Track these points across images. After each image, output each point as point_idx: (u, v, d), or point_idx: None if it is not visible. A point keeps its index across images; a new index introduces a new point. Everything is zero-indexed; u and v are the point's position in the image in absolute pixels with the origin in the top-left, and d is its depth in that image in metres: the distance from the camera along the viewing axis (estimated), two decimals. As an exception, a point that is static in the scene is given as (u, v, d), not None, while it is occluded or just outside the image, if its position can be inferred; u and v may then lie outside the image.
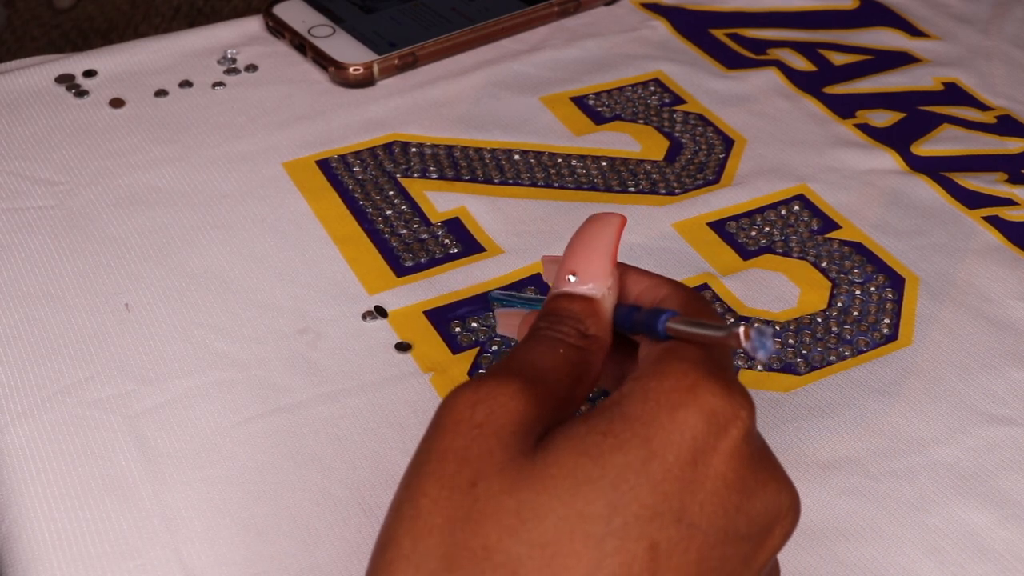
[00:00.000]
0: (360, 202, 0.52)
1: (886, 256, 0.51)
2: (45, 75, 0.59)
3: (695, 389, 0.29)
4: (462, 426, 0.28)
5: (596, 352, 0.32)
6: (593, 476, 0.27)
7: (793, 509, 0.30)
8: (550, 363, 0.31)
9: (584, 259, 0.33)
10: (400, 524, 0.28)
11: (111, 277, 0.48)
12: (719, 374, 0.29)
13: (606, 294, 0.33)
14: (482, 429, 0.28)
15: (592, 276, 0.33)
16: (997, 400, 0.45)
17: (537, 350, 0.31)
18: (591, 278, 0.33)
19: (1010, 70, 0.65)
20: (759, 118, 0.60)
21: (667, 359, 0.30)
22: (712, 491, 0.28)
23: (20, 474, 0.40)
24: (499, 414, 0.29)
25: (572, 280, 0.33)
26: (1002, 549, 0.39)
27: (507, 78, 0.61)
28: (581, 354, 0.32)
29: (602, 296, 0.33)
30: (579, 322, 0.32)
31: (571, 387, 0.31)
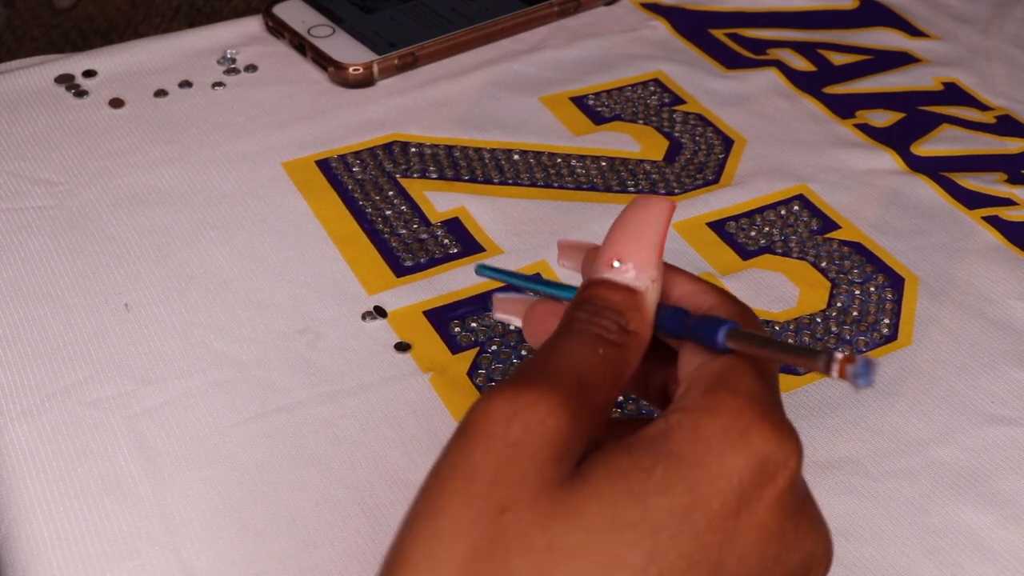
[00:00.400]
0: (360, 202, 0.52)
1: (886, 256, 0.51)
2: (45, 75, 0.59)
3: (747, 432, 0.27)
4: (495, 442, 0.26)
5: (635, 351, 0.30)
6: (633, 519, 0.26)
7: (827, 555, 0.29)
8: (590, 367, 0.28)
9: (632, 245, 0.30)
10: (417, 544, 0.26)
11: (111, 277, 0.48)
12: (772, 414, 0.27)
13: (651, 287, 0.30)
14: (517, 448, 0.26)
15: (639, 264, 0.30)
16: (997, 400, 0.45)
17: (577, 352, 0.29)
18: (638, 267, 0.30)
19: (1010, 70, 0.65)
20: (759, 118, 0.60)
21: (720, 391, 0.28)
22: (752, 542, 0.27)
23: (20, 474, 0.40)
24: (537, 432, 0.26)
25: (617, 266, 0.30)
26: (1002, 549, 0.39)
27: (507, 78, 0.61)
28: (620, 353, 0.29)
29: (646, 289, 0.30)
30: (620, 315, 0.30)
31: (608, 392, 0.29)
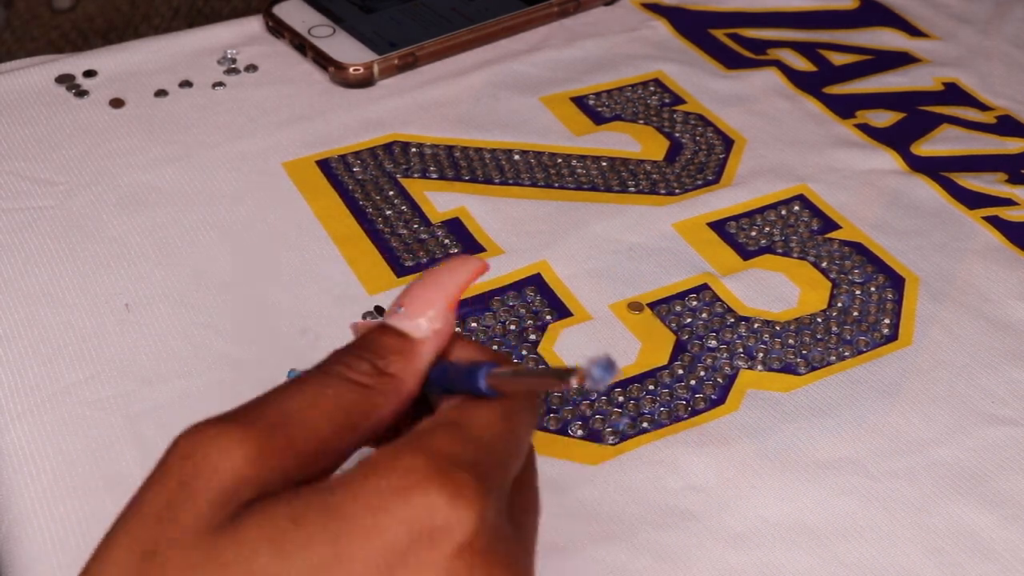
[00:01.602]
0: (360, 202, 0.52)
1: (886, 256, 0.51)
2: (45, 75, 0.59)
3: (410, 492, 0.25)
4: (168, 480, 0.26)
5: (388, 394, 0.28)
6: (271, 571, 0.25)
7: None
8: (306, 407, 0.27)
9: (421, 294, 0.30)
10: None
11: (111, 277, 0.48)
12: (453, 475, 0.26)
13: (429, 338, 0.29)
14: (183, 488, 0.26)
15: (421, 312, 0.29)
16: (997, 400, 0.45)
17: (298, 389, 0.28)
18: (419, 313, 0.29)
19: (1010, 70, 0.65)
20: (759, 118, 0.60)
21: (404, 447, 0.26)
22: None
23: (20, 474, 0.40)
24: (207, 473, 0.26)
25: (399, 312, 0.30)
26: (1002, 549, 0.39)
27: (507, 78, 0.61)
28: (363, 395, 0.28)
29: (423, 337, 0.29)
30: (380, 357, 0.29)
31: (334, 436, 0.27)
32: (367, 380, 0.28)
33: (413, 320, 0.29)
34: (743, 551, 0.39)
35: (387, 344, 0.29)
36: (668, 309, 0.48)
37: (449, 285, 0.30)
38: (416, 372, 0.29)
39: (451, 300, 0.30)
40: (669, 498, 0.40)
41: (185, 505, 0.25)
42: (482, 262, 0.31)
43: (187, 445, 0.26)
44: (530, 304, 0.48)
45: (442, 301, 0.30)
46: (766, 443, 0.42)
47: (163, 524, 0.25)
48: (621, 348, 0.46)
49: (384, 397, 0.28)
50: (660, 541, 0.39)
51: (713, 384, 0.45)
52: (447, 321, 0.30)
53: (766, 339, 0.47)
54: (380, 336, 0.29)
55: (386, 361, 0.29)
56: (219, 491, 0.26)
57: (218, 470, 0.26)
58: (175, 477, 0.26)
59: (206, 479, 0.26)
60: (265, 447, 0.26)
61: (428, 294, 0.30)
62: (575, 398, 0.44)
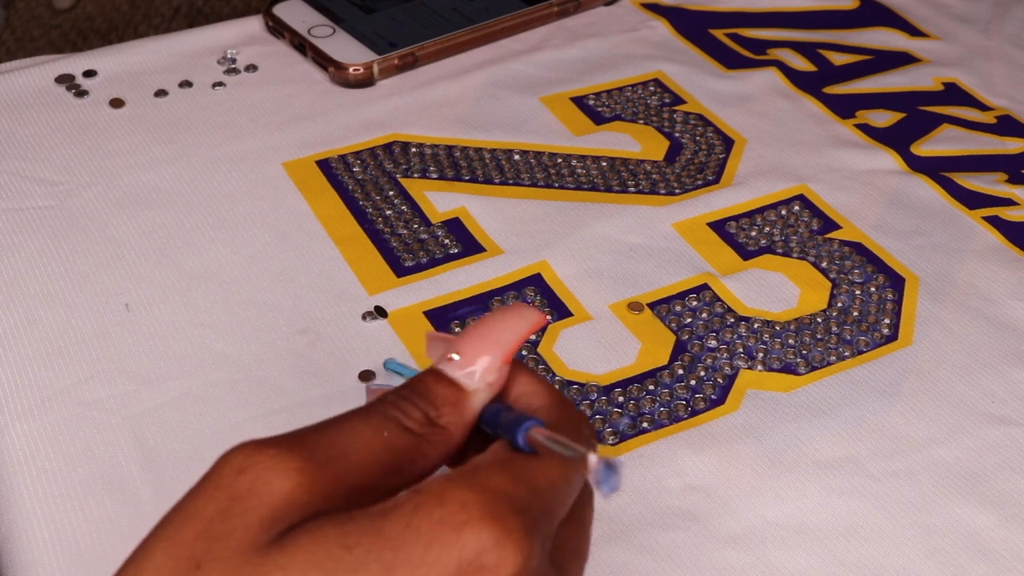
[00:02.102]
0: (360, 202, 0.52)
1: (886, 256, 0.51)
2: (45, 75, 0.59)
3: (463, 527, 0.26)
4: (219, 492, 0.26)
5: (436, 445, 0.29)
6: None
7: None
8: (360, 446, 0.28)
9: (478, 344, 0.30)
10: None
11: (111, 277, 0.48)
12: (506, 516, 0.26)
13: (481, 389, 0.30)
14: (235, 503, 0.26)
15: (476, 363, 0.30)
16: (997, 400, 0.45)
17: (354, 428, 0.28)
18: (474, 364, 0.30)
19: (1010, 70, 0.65)
20: (759, 118, 0.60)
21: (459, 481, 0.27)
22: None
23: (20, 474, 0.40)
24: (261, 491, 0.26)
25: (454, 359, 0.30)
26: (1002, 549, 0.39)
27: (507, 78, 0.61)
28: (414, 442, 0.28)
29: (475, 390, 0.30)
30: (433, 407, 0.29)
31: (382, 476, 0.28)
32: (419, 429, 0.29)
33: (466, 370, 0.30)
34: (743, 551, 0.39)
35: (441, 394, 0.29)
36: (668, 309, 0.48)
37: (507, 337, 0.30)
38: (465, 423, 0.30)
39: (508, 353, 0.30)
40: (669, 498, 0.40)
41: (235, 521, 0.26)
42: (543, 316, 0.31)
43: (242, 460, 0.27)
44: (530, 304, 0.48)
45: (498, 354, 0.30)
46: (766, 443, 0.42)
47: (211, 538, 0.25)
48: (621, 348, 0.46)
49: (433, 447, 0.29)
50: (660, 541, 0.39)
51: (713, 384, 0.45)
52: (501, 373, 0.30)
53: (766, 339, 0.47)
54: (435, 384, 0.30)
55: (439, 412, 0.29)
56: (270, 510, 0.26)
57: (272, 491, 0.26)
58: (227, 491, 0.26)
59: (259, 497, 0.26)
60: (318, 477, 0.26)
61: (485, 343, 0.30)
62: (575, 398, 0.44)
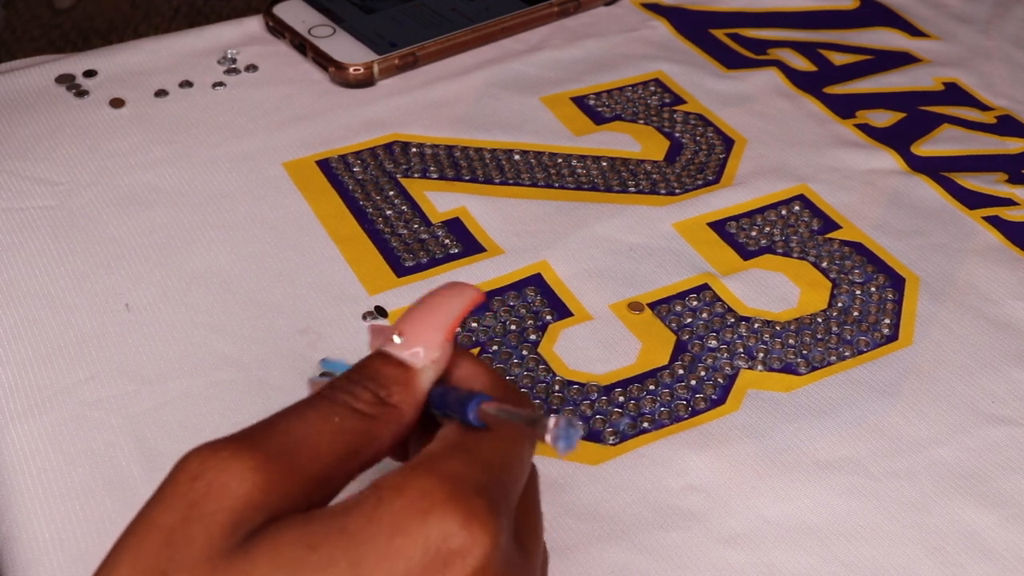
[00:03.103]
0: (360, 202, 0.52)
1: (886, 256, 0.51)
2: (45, 75, 0.59)
3: (427, 514, 0.26)
4: (177, 500, 0.26)
5: (389, 424, 0.29)
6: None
7: None
8: (312, 433, 0.28)
9: (419, 324, 0.30)
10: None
11: (111, 277, 0.48)
12: (468, 498, 0.26)
13: (428, 366, 0.30)
14: (193, 509, 0.26)
15: (419, 342, 0.30)
16: (997, 400, 0.45)
17: (304, 416, 0.28)
18: (417, 343, 0.30)
19: (1010, 70, 0.65)
20: (759, 118, 0.60)
21: (418, 469, 0.27)
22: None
23: (20, 474, 0.40)
24: (218, 495, 0.26)
25: (397, 341, 0.30)
26: (1002, 549, 0.39)
27: (507, 78, 0.61)
28: (365, 423, 0.29)
29: (422, 367, 0.30)
30: (382, 387, 0.29)
31: (338, 462, 0.28)
32: (370, 410, 0.29)
33: (411, 350, 0.30)
34: (743, 551, 0.39)
35: (388, 374, 0.30)
36: (668, 309, 0.48)
37: (446, 315, 0.30)
38: (416, 402, 0.30)
39: (448, 330, 0.30)
40: (669, 498, 0.40)
41: (196, 528, 0.25)
42: (479, 292, 0.31)
43: (197, 465, 0.26)
44: (530, 304, 0.48)
45: (439, 331, 0.30)
46: (766, 443, 0.42)
47: (174, 546, 0.25)
48: (621, 348, 0.46)
49: (386, 427, 0.29)
50: (660, 541, 0.39)
51: (713, 384, 0.45)
52: (444, 351, 0.30)
53: (766, 339, 0.47)
54: (382, 366, 0.30)
55: (388, 391, 0.29)
56: (230, 515, 0.26)
57: (229, 494, 0.26)
58: (185, 498, 0.26)
59: (217, 502, 0.26)
60: (274, 472, 0.26)
61: (426, 323, 0.30)
62: (575, 398, 0.44)
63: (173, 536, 0.26)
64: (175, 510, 0.26)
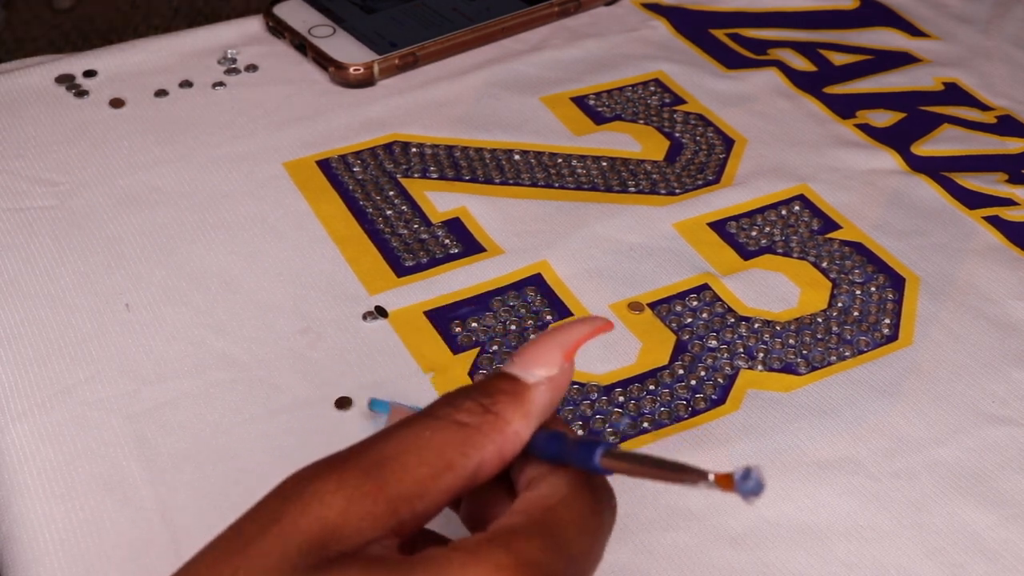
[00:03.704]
0: (360, 202, 0.52)
1: (886, 256, 0.51)
2: (45, 75, 0.59)
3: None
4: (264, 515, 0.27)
5: (490, 434, 0.28)
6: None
7: None
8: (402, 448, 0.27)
9: (538, 343, 0.29)
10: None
11: (112, 277, 0.48)
12: None
13: (541, 383, 0.29)
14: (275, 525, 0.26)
15: (534, 359, 0.29)
16: (997, 400, 0.45)
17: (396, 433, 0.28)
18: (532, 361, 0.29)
19: (1010, 70, 0.65)
20: (759, 118, 0.60)
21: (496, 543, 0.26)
22: None
23: (20, 474, 0.40)
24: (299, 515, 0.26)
25: (515, 360, 0.29)
26: (1002, 549, 0.39)
27: (507, 78, 0.61)
28: (463, 434, 0.28)
29: (534, 383, 0.29)
30: (487, 395, 0.28)
31: (430, 477, 0.27)
32: (469, 419, 0.28)
33: (527, 367, 0.29)
34: (743, 551, 0.39)
35: (497, 385, 0.29)
36: (668, 309, 0.48)
37: (567, 336, 0.29)
38: (525, 415, 0.28)
39: (568, 351, 0.29)
40: (669, 498, 0.40)
41: (274, 543, 0.26)
42: (608, 322, 0.30)
43: (290, 487, 0.27)
44: (530, 304, 0.48)
45: (558, 351, 0.29)
46: (766, 443, 0.42)
47: (249, 556, 0.26)
48: (621, 348, 0.46)
49: (485, 436, 0.28)
50: (661, 541, 0.39)
51: (713, 384, 0.45)
52: (562, 371, 0.29)
53: (766, 339, 0.47)
54: (492, 379, 0.29)
55: (492, 400, 0.28)
56: (307, 535, 0.26)
57: (310, 515, 0.26)
58: (271, 513, 0.27)
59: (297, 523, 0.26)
60: (356, 494, 0.26)
61: (545, 343, 0.29)
62: (575, 398, 0.44)
63: (251, 547, 0.26)
64: (259, 524, 0.27)
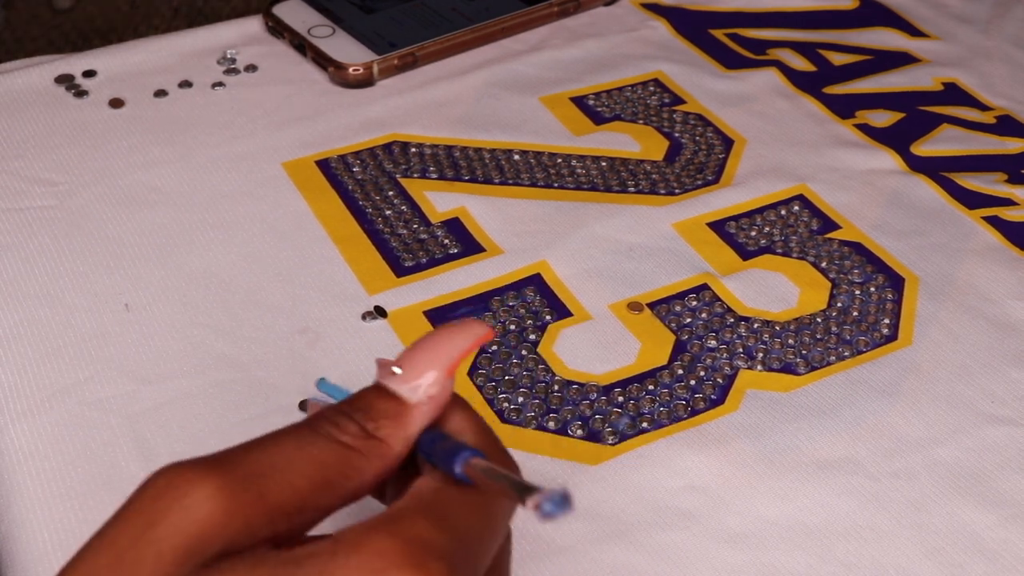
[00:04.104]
0: (360, 202, 0.52)
1: (886, 256, 0.51)
2: (45, 75, 0.59)
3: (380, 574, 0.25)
4: (136, 518, 0.25)
5: (372, 459, 0.28)
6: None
7: None
8: (286, 462, 0.27)
9: (420, 357, 0.29)
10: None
11: (111, 277, 0.48)
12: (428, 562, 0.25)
13: (424, 402, 0.29)
14: (149, 531, 0.25)
15: (418, 376, 0.29)
16: (997, 400, 0.45)
17: (280, 443, 0.27)
18: (416, 377, 0.29)
19: (1010, 70, 0.65)
20: (759, 118, 0.60)
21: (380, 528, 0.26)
22: None
23: (20, 474, 0.40)
24: (176, 518, 0.25)
25: (397, 373, 0.29)
26: (1002, 549, 0.39)
27: (507, 78, 0.61)
28: (346, 456, 0.27)
29: (417, 402, 0.29)
30: (371, 419, 0.28)
31: (311, 494, 0.27)
32: (353, 442, 0.28)
33: (409, 384, 0.29)
34: (743, 551, 0.39)
35: (380, 407, 0.28)
36: (668, 309, 0.48)
37: (450, 350, 0.29)
38: (406, 438, 0.28)
39: (451, 366, 0.29)
40: (669, 498, 0.40)
41: (147, 551, 0.25)
42: (488, 329, 0.30)
43: (163, 484, 0.26)
44: (530, 304, 0.48)
45: (441, 367, 0.29)
46: (766, 443, 0.42)
47: (122, 567, 0.25)
48: (621, 348, 0.46)
49: (368, 461, 0.28)
50: (660, 541, 0.39)
51: (713, 384, 0.45)
52: (444, 387, 0.29)
53: (766, 339, 0.47)
54: (374, 398, 0.29)
55: (376, 424, 0.28)
56: (185, 539, 0.25)
57: (187, 517, 0.25)
58: (144, 516, 0.25)
59: (174, 525, 0.25)
60: (238, 500, 0.26)
61: (428, 357, 0.29)
62: (574, 398, 0.44)
63: (124, 556, 0.25)
64: (132, 528, 0.25)
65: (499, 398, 0.43)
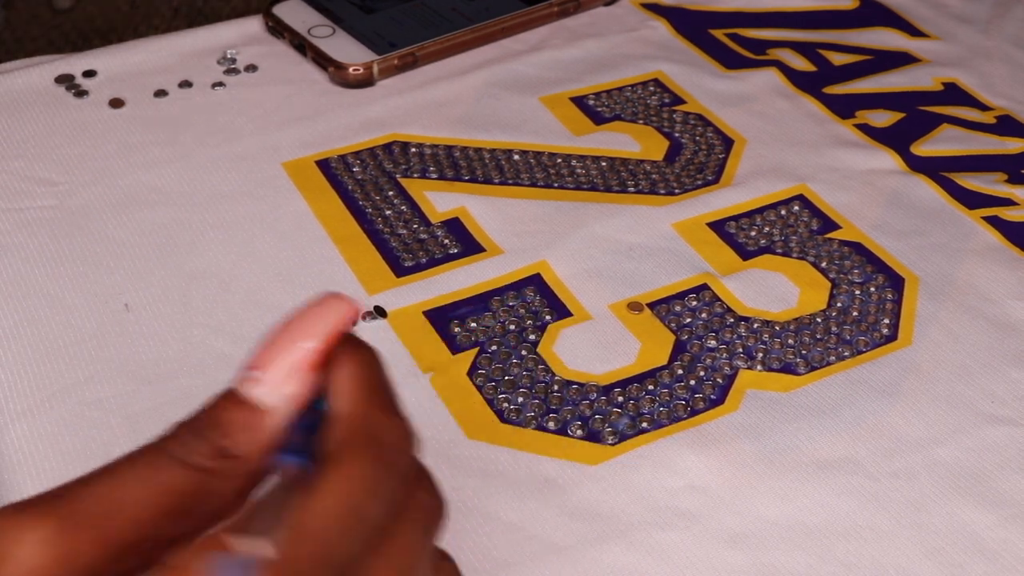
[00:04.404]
0: (360, 202, 0.52)
1: (886, 256, 0.51)
2: (45, 75, 0.59)
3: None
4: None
5: (231, 478, 0.25)
6: None
7: None
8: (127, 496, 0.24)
9: (272, 350, 0.26)
10: None
11: (111, 277, 0.48)
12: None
13: (280, 404, 0.26)
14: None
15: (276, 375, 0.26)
16: (997, 400, 0.45)
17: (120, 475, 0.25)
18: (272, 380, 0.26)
19: (1010, 70, 0.65)
20: (759, 118, 0.60)
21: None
22: None
23: (20, 474, 0.40)
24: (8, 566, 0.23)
25: (253, 375, 0.26)
26: (1002, 549, 0.39)
27: (507, 78, 0.61)
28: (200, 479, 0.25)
29: (274, 407, 0.26)
30: (225, 436, 0.25)
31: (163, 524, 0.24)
32: (206, 463, 0.25)
33: (267, 386, 0.26)
34: (743, 551, 0.39)
35: (232, 420, 0.25)
36: (668, 309, 0.48)
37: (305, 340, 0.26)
38: (263, 446, 0.26)
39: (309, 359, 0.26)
40: (669, 498, 0.40)
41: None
42: (350, 307, 0.27)
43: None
44: (530, 304, 0.48)
45: (297, 361, 0.26)
46: (766, 443, 0.42)
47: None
48: (621, 348, 0.46)
49: (227, 481, 0.25)
50: (660, 541, 0.39)
51: (712, 384, 0.45)
52: (304, 384, 0.26)
53: (766, 339, 0.47)
54: (225, 411, 0.26)
55: (232, 440, 0.25)
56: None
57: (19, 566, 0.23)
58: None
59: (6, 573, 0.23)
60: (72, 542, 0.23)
61: (281, 351, 0.26)
62: (574, 398, 0.44)
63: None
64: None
65: (499, 398, 0.43)
